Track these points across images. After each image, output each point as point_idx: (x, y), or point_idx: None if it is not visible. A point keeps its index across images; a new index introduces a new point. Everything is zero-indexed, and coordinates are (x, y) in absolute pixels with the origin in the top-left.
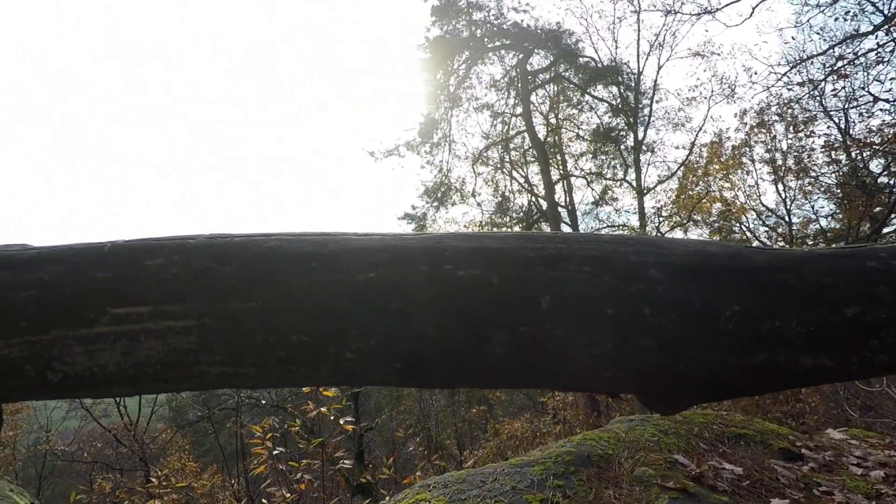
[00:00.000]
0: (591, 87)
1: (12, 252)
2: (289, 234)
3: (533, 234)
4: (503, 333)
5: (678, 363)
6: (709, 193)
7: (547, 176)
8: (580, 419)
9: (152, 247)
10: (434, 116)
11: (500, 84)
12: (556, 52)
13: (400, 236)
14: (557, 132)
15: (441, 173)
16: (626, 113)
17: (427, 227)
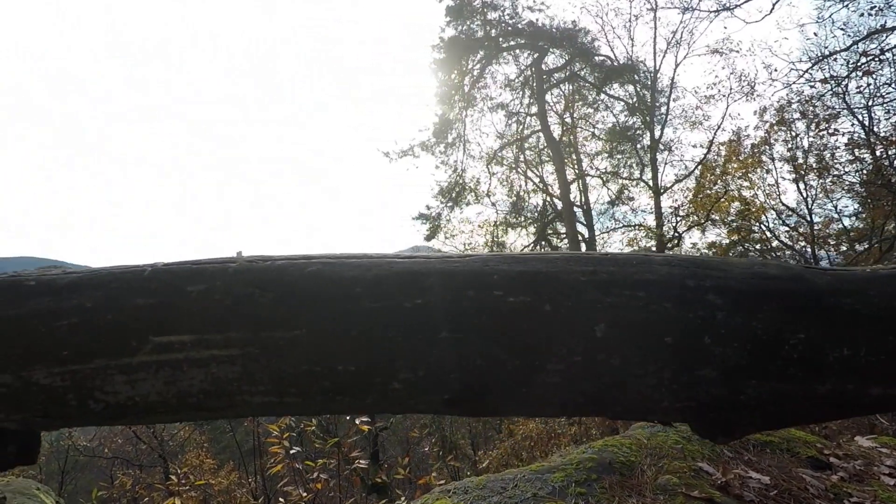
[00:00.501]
0: (607, 86)
1: (52, 276)
2: (329, 257)
3: (581, 255)
4: (557, 363)
5: (740, 394)
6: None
7: (562, 175)
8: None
9: (193, 271)
10: (449, 117)
11: (514, 84)
12: (572, 51)
13: (444, 259)
14: (573, 131)
15: (455, 173)
16: (643, 112)
17: (441, 227)
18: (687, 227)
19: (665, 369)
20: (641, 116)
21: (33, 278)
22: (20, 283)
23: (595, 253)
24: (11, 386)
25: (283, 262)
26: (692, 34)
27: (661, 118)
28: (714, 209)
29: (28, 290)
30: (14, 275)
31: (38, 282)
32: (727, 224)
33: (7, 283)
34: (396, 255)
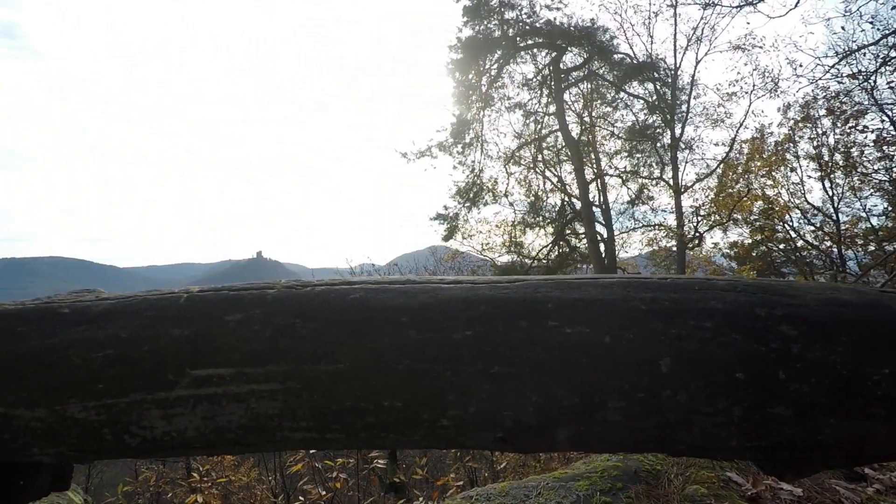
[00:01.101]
0: (626, 84)
1: (86, 304)
2: (372, 282)
3: (638, 279)
4: (618, 400)
5: (817, 433)
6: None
7: (581, 175)
8: None
9: (231, 299)
10: (466, 117)
11: (532, 83)
12: (590, 50)
13: (493, 284)
14: (591, 130)
15: (473, 173)
16: (663, 110)
17: (459, 228)
18: (708, 226)
19: (735, 406)
20: (661, 115)
21: (67, 305)
22: (54, 311)
23: (652, 277)
24: (46, 420)
25: (324, 288)
26: (713, 30)
27: (681, 116)
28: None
29: (62, 318)
30: (48, 301)
31: (71, 309)
32: (750, 223)
33: (41, 311)
34: (441, 279)
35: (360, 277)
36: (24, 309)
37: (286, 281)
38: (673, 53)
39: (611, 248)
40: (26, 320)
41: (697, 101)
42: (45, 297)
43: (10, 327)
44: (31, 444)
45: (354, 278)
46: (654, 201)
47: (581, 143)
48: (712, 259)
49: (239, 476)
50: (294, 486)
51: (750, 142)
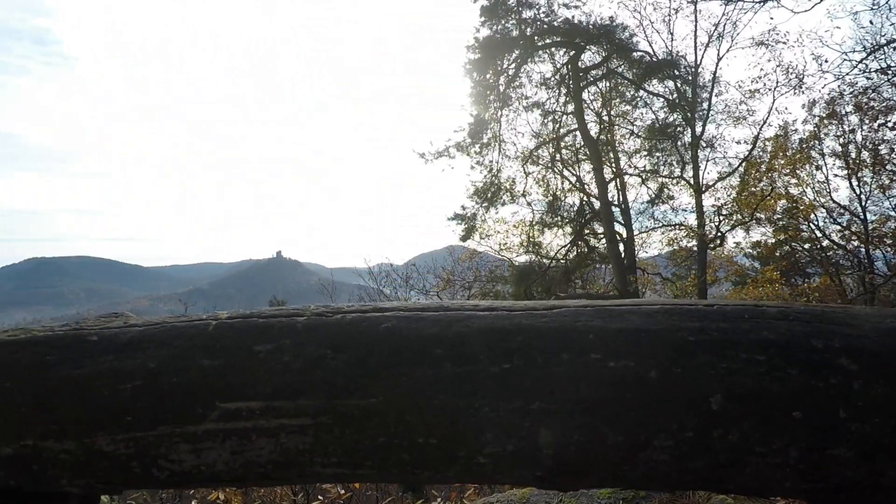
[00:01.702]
0: (646, 82)
1: (115, 330)
2: (404, 309)
3: (684, 308)
4: (665, 439)
5: (880, 475)
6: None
7: (599, 174)
8: None
9: (260, 328)
10: (484, 117)
11: (550, 82)
12: (609, 48)
13: (529, 312)
14: (610, 129)
15: (491, 173)
16: (684, 108)
17: (477, 228)
18: (730, 226)
19: (791, 447)
20: (682, 113)
21: (95, 332)
22: (83, 339)
23: (698, 304)
24: (74, 453)
25: (355, 315)
26: (735, 26)
27: (702, 114)
28: (759, 207)
29: (91, 346)
30: (77, 328)
31: (100, 337)
32: (773, 223)
33: (70, 339)
34: (475, 304)
35: (391, 303)
36: (53, 336)
37: (315, 306)
38: (693, 50)
39: (630, 249)
40: (55, 348)
41: (719, 99)
42: (73, 323)
43: (40, 356)
44: (60, 476)
45: (386, 304)
46: (674, 200)
47: (600, 142)
48: (734, 259)
49: None
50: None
51: (773, 139)
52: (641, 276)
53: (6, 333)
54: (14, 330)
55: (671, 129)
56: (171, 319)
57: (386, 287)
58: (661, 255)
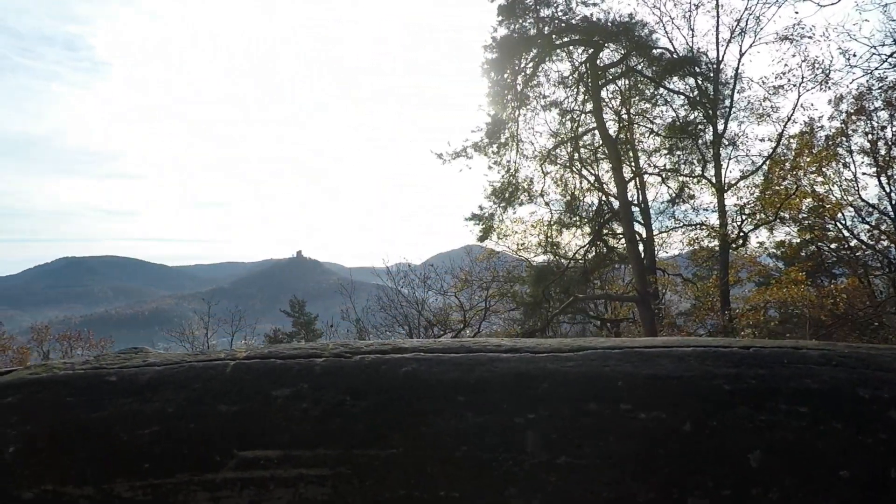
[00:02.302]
0: (666, 80)
1: (133, 370)
2: (425, 350)
3: (718, 350)
4: (700, 497)
5: None
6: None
7: (619, 174)
8: None
9: (278, 370)
10: (501, 116)
11: (568, 81)
12: (628, 45)
13: (555, 354)
14: (629, 128)
15: (508, 173)
16: (705, 105)
17: (494, 228)
18: (753, 225)
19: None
20: (703, 110)
21: (114, 372)
22: (103, 379)
23: (732, 346)
24: (93, 498)
25: (374, 358)
26: (758, 21)
27: (724, 111)
28: (784, 206)
29: (110, 388)
30: (96, 367)
31: (119, 377)
32: (798, 222)
33: (89, 378)
34: (498, 344)
35: (411, 342)
36: (73, 376)
37: (334, 345)
38: (715, 46)
39: (650, 249)
40: (75, 389)
41: (741, 96)
42: (93, 359)
43: (60, 398)
44: None
45: (406, 343)
46: (695, 200)
47: (619, 141)
48: (758, 259)
49: None
50: None
51: (798, 136)
52: (661, 276)
53: (28, 370)
54: (36, 367)
55: (692, 127)
56: (190, 358)
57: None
58: (681, 255)
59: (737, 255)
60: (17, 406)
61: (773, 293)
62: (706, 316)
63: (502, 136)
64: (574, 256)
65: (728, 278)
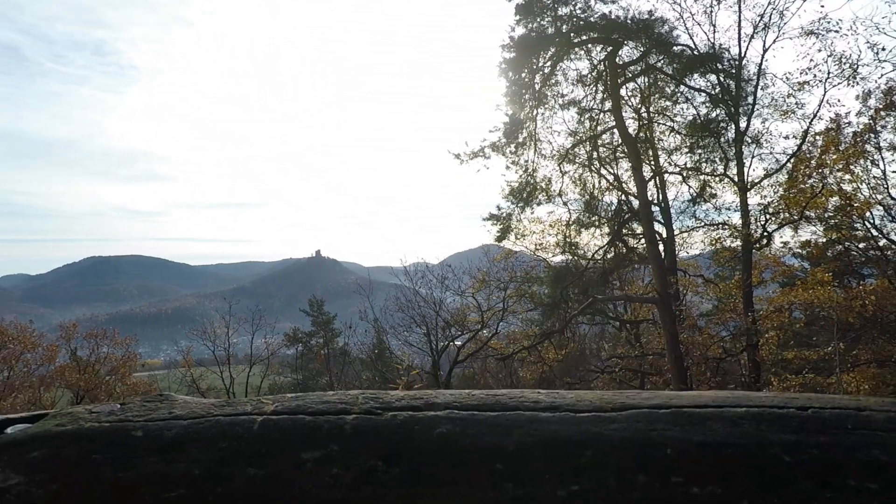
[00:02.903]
0: (687, 77)
1: (159, 424)
2: (458, 406)
3: (773, 412)
4: None
5: None
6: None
7: (638, 173)
8: None
9: (307, 429)
10: (519, 116)
11: (587, 79)
12: (648, 43)
13: (597, 415)
14: (649, 126)
15: (526, 173)
16: (727, 102)
17: (512, 228)
18: (777, 225)
19: None
20: (725, 107)
21: (140, 425)
22: (128, 434)
23: (789, 406)
24: None
25: (406, 416)
26: (782, 16)
27: (747, 108)
28: (809, 205)
29: (136, 443)
30: (123, 419)
31: (144, 432)
32: (824, 221)
33: (115, 433)
34: (535, 400)
35: (444, 395)
36: (99, 429)
37: (364, 398)
38: (737, 42)
39: (670, 249)
40: (101, 445)
41: (765, 92)
42: (119, 409)
43: (86, 454)
44: None
45: (439, 398)
46: (717, 199)
47: (638, 140)
48: (782, 259)
49: None
50: None
51: (824, 133)
52: (682, 277)
53: (54, 421)
54: (61, 416)
55: (714, 125)
56: (216, 411)
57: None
58: (702, 256)
59: (760, 256)
60: (43, 462)
61: (798, 294)
62: (728, 317)
63: (520, 135)
64: (593, 257)
65: (751, 279)
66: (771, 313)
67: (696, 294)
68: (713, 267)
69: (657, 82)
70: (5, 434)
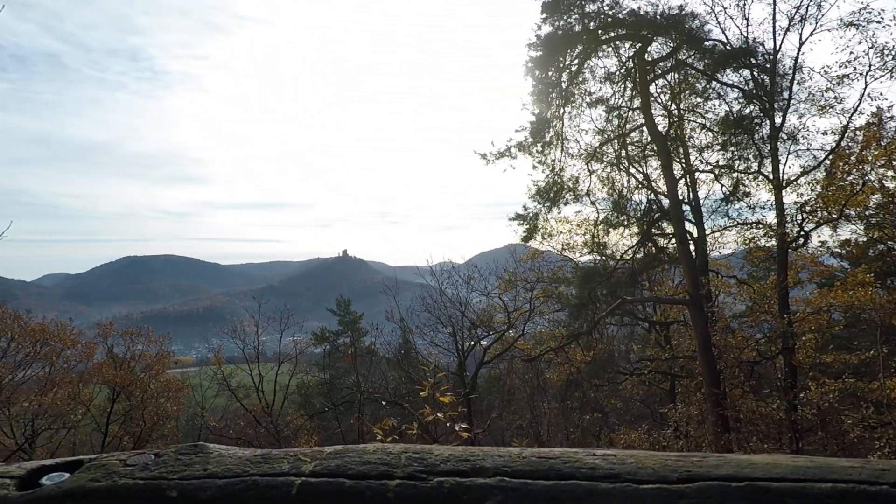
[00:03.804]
0: (719, 73)
1: (195, 484)
2: (509, 471)
3: (865, 486)
4: None
5: None
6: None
7: (668, 171)
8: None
9: (347, 495)
10: (546, 115)
11: (615, 77)
12: (678, 38)
13: (661, 487)
14: (679, 123)
15: (553, 172)
16: (762, 98)
17: (539, 228)
18: (815, 223)
19: None
20: (760, 103)
21: (175, 484)
22: (163, 494)
23: (879, 479)
24: None
25: (453, 484)
26: (820, 7)
27: (782, 104)
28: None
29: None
30: (157, 475)
31: (179, 492)
32: (865, 219)
33: (150, 492)
34: (593, 464)
35: (493, 456)
36: (133, 488)
37: (406, 458)
38: (772, 36)
39: (702, 249)
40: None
41: (801, 87)
42: (152, 461)
43: None
44: None
45: (487, 459)
46: (750, 197)
47: (668, 137)
48: (819, 259)
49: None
50: None
51: (865, 128)
52: (714, 277)
53: (89, 475)
54: (96, 468)
55: (748, 122)
56: (252, 468)
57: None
58: (735, 255)
59: (796, 255)
60: None
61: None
62: (763, 319)
63: (547, 134)
64: (622, 257)
65: (787, 280)
66: (808, 315)
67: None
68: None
69: (688, 78)
70: (41, 488)
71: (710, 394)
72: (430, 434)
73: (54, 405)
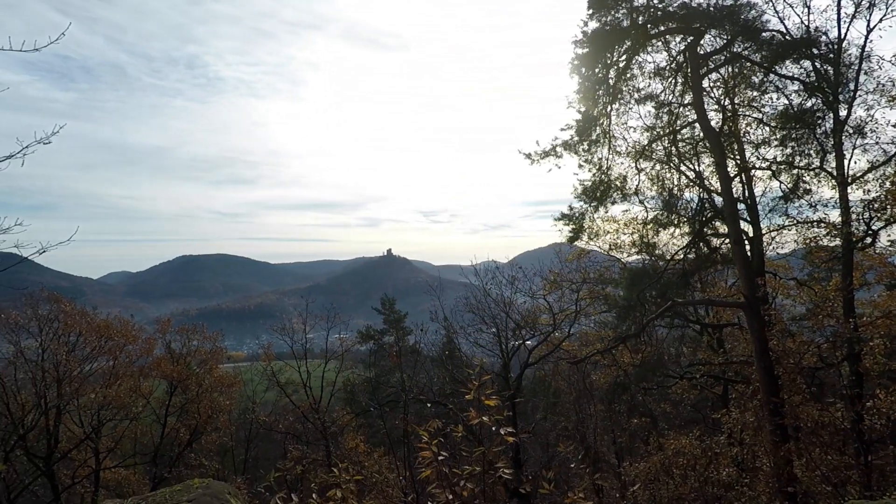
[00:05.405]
0: (778, 65)
1: None
2: None
3: None
4: None
5: None
6: None
7: (722, 169)
8: (766, 448)
9: None
10: (592, 113)
11: (665, 72)
12: (733, 30)
13: None
14: (734, 119)
15: (600, 171)
16: (824, 90)
17: (585, 229)
18: (884, 222)
19: None
20: (823, 95)
21: None
22: None
23: None
24: None
25: None
26: None
27: (848, 96)
28: None
29: None
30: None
31: None
32: None
33: None
34: None
35: None
36: None
37: None
38: (836, 24)
39: (758, 249)
40: None
41: (870, 77)
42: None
43: None
44: None
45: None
46: (812, 195)
47: (722, 134)
48: (889, 260)
49: (371, 462)
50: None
51: None
52: (772, 279)
53: None
54: None
55: (809, 115)
56: None
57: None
58: (794, 255)
59: (863, 256)
60: None
61: None
62: (825, 323)
63: (593, 132)
64: (672, 258)
65: (853, 281)
66: (877, 319)
67: (787, 297)
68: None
69: (743, 72)
70: None
71: (767, 401)
72: (474, 436)
73: (118, 397)
